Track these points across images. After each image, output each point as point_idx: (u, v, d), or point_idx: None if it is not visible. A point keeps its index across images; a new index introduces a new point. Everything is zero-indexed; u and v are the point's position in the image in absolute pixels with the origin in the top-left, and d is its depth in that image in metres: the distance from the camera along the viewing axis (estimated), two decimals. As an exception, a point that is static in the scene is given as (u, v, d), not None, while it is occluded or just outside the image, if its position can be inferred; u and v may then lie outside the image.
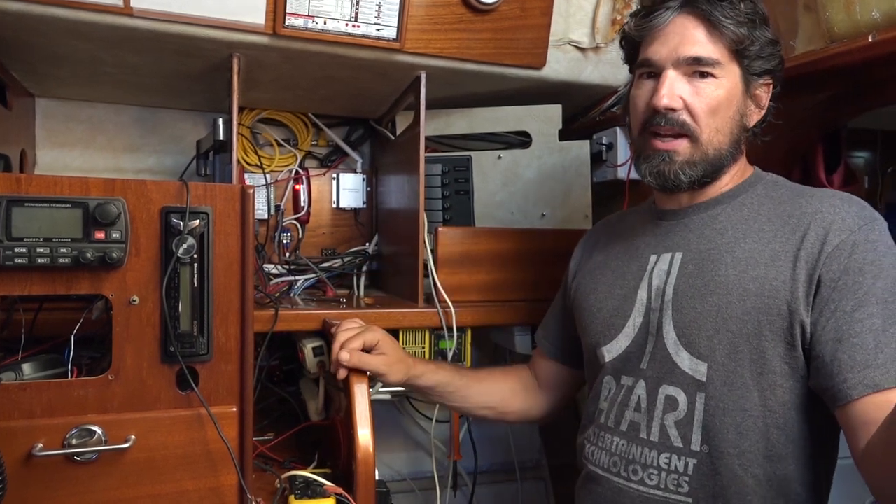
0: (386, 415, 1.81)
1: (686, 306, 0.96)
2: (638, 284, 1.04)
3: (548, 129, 1.63)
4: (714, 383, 0.92)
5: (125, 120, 1.67)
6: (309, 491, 1.10)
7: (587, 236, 1.26)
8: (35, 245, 0.90)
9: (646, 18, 0.99)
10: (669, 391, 0.96)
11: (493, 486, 1.92)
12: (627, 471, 0.98)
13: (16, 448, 0.91)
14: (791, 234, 0.92)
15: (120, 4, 1.12)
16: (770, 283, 0.90)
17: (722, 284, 0.94)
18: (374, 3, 1.24)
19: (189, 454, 1.00)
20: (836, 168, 1.41)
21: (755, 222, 0.97)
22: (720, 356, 0.92)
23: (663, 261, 1.02)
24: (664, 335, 0.98)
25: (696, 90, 0.96)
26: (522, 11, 1.36)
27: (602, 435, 1.04)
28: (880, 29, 0.99)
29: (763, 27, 0.97)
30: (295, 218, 1.74)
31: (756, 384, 0.91)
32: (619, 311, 1.05)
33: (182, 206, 0.97)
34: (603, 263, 1.14)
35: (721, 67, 0.96)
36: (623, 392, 1.02)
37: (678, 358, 0.96)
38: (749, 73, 0.98)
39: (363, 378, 1.11)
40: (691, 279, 0.97)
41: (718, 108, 0.96)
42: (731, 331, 0.91)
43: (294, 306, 1.35)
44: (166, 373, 0.99)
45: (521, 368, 1.32)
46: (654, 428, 0.96)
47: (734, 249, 0.95)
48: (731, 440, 0.91)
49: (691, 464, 0.93)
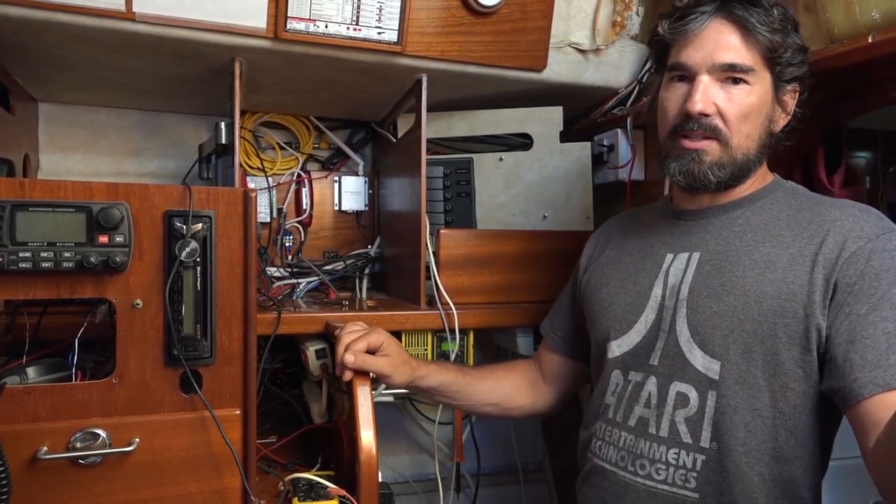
0: (389, 417, 1.81)
1: (701, 305, 0.97)
2: (653, 281, 1.04)
3: (549, 130, 1.64)
4: (726, 382, 0.93)
5: (127, 124, 1.68)
6: (312, 493, 1.10)
7: (600, 231, 1.26)
8: (39, 249, 0.91)
9: (680, 21, 0.98)
10: (681, 388, 0.96)
11: (496, 488, 1.92)
12: (635, 465, 0.98)
13: (20, 451, 0.91)
14: (810, 240, 0.92)
15: (122, 9, 1.13)
16: (787, 286, 0.90)
17: (739, 286, 0.94)
18: (375, 6, 1.25)
19: (193, 457, 1.00)
20: (837, 168, 1.41)
21: (774, 227, 0.97)
22: (734, 356, 0.93)
23: (680, 260, 1.03)
24: (677, 332, 0.98)
25: (730, 96, 0.96)
26: (523, 14, 1.36)
27: (609, 430, 1.04)
28: (880, 29, 0.99)
29: (794, 34, 0.97)
30: (297, 221, 1.75)
31: (768, 385, 0.91)
32: (632, 307, 1.06)
33: (185, 210, 0.98)
34: (616, 259, 1.14)
35: (754, 74, 0.96)
36: (632, 387, 1.02)
37: (691, 356, 0.96)
38: (779, 80, 0.98)
39: (366, 380, 1.11)
40: (708, 279, 0.98)
41: (750, 115, 0.97)
42: (746, 331, 0.92)
43: (297, 309, 1.35)
44: (170, 376, 0.99)
45: (525, 363, 1.32)
46: (664, 423, 0.97)
47: (752, 252, 0.96)
48: (739, 438, 0.91)
49: (700, 460, 0.93)
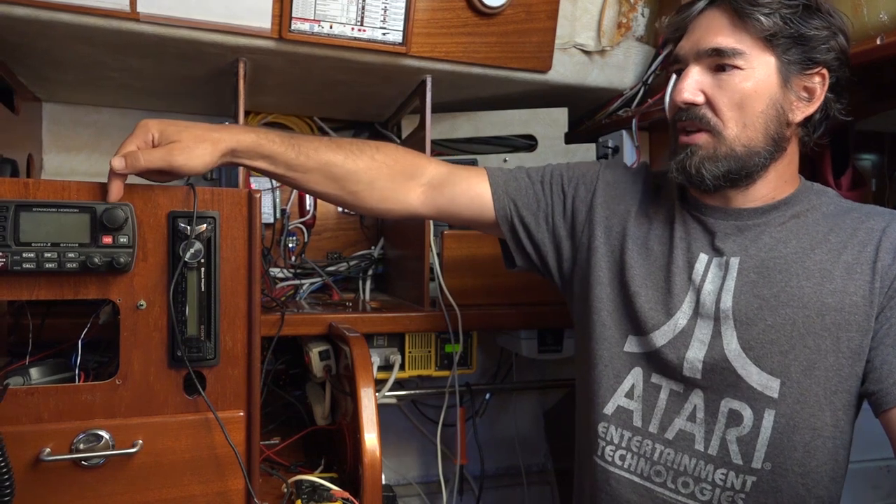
0: (392, 419, 1.81)
1: (753, 318, 0.90)
2: (686, 285, 0.96)
3: (554, 132, 1.63)
4: (787, 400, 0.87)
5: (131, 124, 1.63)
6: (315, 495, 1.10)
7: (630, 178, 1.09)
8: (43, 250, 0.90)
9: (677, 16, 0.97)
10: (734, 405, 0.90)
11: (499, 491, 1.92)
12: (676, 482, 0.93)
13: (24, 453, 0.91)
14: (862, 247, 0.88)
15: (126, 9, 1.13)
16: (849, 297, 0.86)
17: (796, 297, 0.88)
18: (379, 7, 1.24)
19: (196, 459, 0.99)
20: (844, 171, 1.40)
21: (818, 233, 0.91)
22: (795, 373, 0.87)
23: (717, 264, 0.94)
24: (724, 346, 0.91)
25: (719, 83, 0.90)
26: (528, 15, 1.36)
27: (638, 439, 0.97)
28: (888, 31, 0.99)
29: (809, 13, 0.89)
30: (301, 222, 1.75)
31: (829, 403, 0.86)
32: (662, 306, 0.97)
33: (189, 211, 0.97)
34: (642, 240, 1.02)
35: (746, 58, 0.89)
36: (668, 396, 0.96)
37: (744, 372, 0.90)
38: (790, 63, 0.89)
39: (369, 382, 1.11)
40: (756, 288, 0.91)
41: (745, 102, 0.89)
42: (809, 346, 0.87)
43: (300, 310, 1.35)
44: (173, 377, 0.99)
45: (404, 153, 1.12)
46: (714, 441, 0.91)
47: (804, 260, 0.90)
48: (797, 459, 0.87)
49: (750, 481, 0.88)
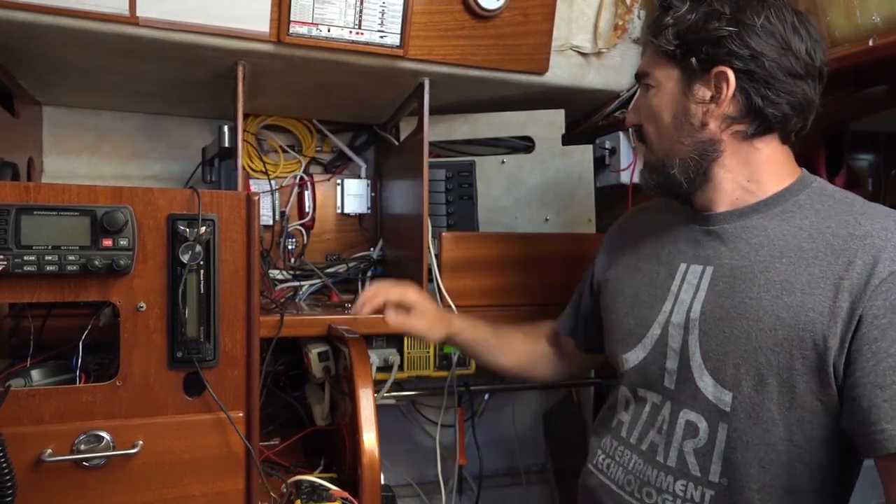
0: (391, 419, 1.81)
1: (714, 329, 0.90)
2: (665, 295, 0.98)
3: (551, 133, 1.64)
4: (738, 415, 0.87)
5: (131, 127, 1.69)
6: (315, 495, 1.10)
7: (618, 228, 1.19)
8: (44, 252, 0.91)
9: None
10: (690, 417, 0.91)
11: (499, 491, 1.92)
12: (641, 492, 0.95)
13: (25, 454, 0.92)
14: (834, 259, 0.82)
15: (126, 14, 1.13)
16: (806, 313, 0.82)
17: (752, 308, 0.86)
18: (377, 10, 1.25)
19: (196, 459, 1.00)
20: (839, 171, 1.41)
21: (794, 238, 0.87)
22: (746, 387, 0.86)
23: (693, 273, 0.95)
24: (689, 356, 0.92)
25: (644, 102, 1.00)
26: (525, 17, 1.36)
27: (622, 450, 1.01)
28: (881, 33, 0.99)
29: (709, 18, 0.89)
30: (300, 223, 1.75)
31: (783, 418, 0.84)
32: (643, 321, 1.00)
33: (188, 214, 0.98)
34: (633, 265, 1.07)
35: (654, 77, 0.97)
36: (649, 408, 0.98)
37: (702, 383, 0.90)
38: (690, 70, 0.92)
39: (368, 383, 1.11)
40: (720, 298, 0.90)
41: (656, 116, 0.97)
42: (760, 361, 0.85)
43: (299, 312, 1.35)
44: (173, 378, 1.00)
45: (545, 336, 1.30)
46: (672, 453, 0.92)
47: (769, 269, 0.87)
48: (752, 475, 0.86)
49: (708, 495, 0.88)
